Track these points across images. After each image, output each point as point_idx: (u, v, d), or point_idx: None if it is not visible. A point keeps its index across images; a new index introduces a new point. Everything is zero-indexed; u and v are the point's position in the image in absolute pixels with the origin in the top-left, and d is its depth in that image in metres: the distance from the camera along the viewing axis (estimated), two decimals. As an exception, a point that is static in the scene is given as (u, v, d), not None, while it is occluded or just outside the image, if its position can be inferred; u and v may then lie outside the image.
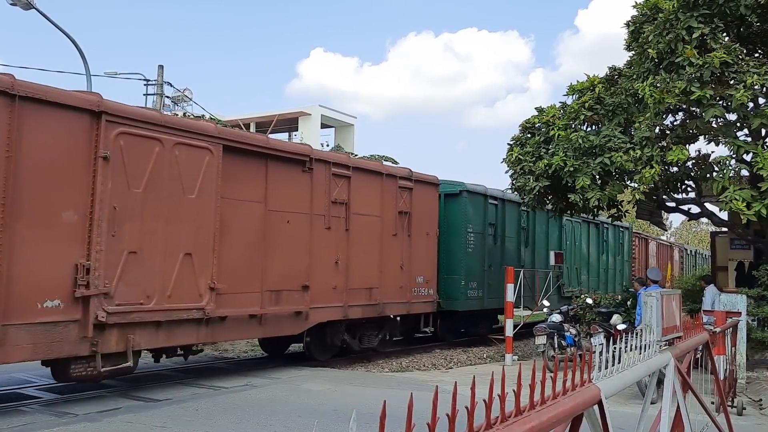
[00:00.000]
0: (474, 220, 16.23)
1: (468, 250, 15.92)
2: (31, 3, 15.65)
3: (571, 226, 21.45)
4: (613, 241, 25.08)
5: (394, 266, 13.73)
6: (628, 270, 26.41)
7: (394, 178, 13.89)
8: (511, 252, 17.97)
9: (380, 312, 13.36)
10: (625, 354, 3.01)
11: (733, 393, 8.88)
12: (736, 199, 10.55)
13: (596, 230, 23.54)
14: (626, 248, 26.56)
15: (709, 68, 10.58)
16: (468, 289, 15.90)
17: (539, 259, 19.28)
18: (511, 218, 18.11)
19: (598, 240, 23.72)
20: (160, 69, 21.01)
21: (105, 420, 7.32)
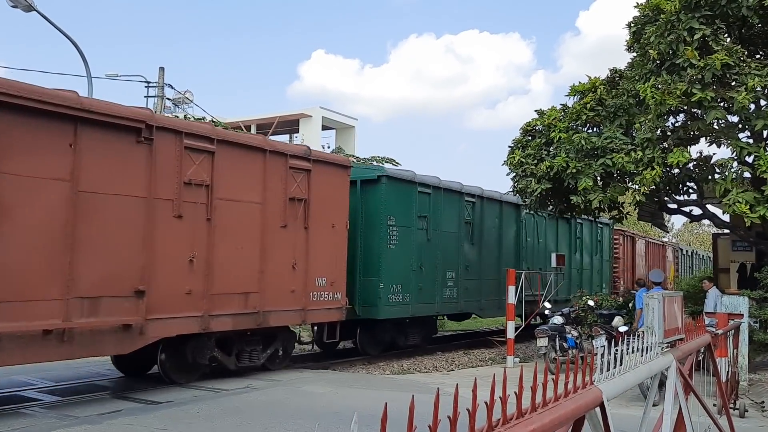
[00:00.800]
0: (398, 212, 13.86)
1: (389, 246, 13.55)
2: (31, 5, 15.68)
3: (532, 221, 19.12)
4: (590, 238, 22.76)
5: (283, 265, 11.10)
6: (608, 271, 24.33)
7: (282, 156, 11.15)
8: (450, 250, 15.60)
9: (261, 322, 10.63)
10: (626, 356, 3.00)
11: (735, 395, 8.86)
12: (739, 202, 10.54)
13: (567, 226, 21.15)
14: (606, 247, 24.25)
15: (711, 70, 10.57)
16: (389, 294, 13.49)
17: (488, 258, 17.01)
18: (449, 210, 15.67)
19: (570, 237, 21.39)
20: (160, 71, 21.05)
21: (105, 422, 7.31)
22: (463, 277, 15.89)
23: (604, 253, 23.98)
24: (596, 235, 23.33)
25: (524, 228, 18.62)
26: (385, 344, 14.65)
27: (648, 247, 29.31)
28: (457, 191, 15.93)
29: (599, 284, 22.80)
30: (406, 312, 14.19)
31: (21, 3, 15.49)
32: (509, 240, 18.11)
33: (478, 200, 16.74)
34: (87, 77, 17.07)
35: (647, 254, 29.18)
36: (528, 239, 18.85)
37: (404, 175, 14.54)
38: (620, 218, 14.29)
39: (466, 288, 16.05)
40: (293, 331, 12.17)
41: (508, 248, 17.96)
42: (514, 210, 18.30)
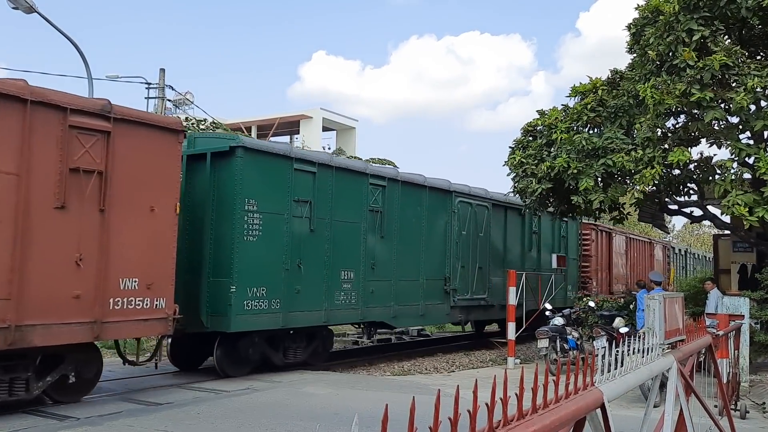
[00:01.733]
0: (261, 194, 10.86)
1: (248, 239, 10.58)
2: (32, 6, 15.70)
3: (469, 211, 15.95)
4: (550, 233, 19.57)
5: (59, 261, 8.14)
6: (575, 271, 21.00)
7: (57, 110, 8.17)
8: (347, 244, 12.52)
9: (14, 342, 7.56)
10: (627, 357, 3.00)
11: (736, 396, 8.86)
12: (738, 204, 10.53)
13: (518, 218, 17.77)
14: (572, 243, 20.80)
15: (709, 71, 10.58)
16: (246, 299, 10.48)
17: (405, 255, 13.94)
18: (346, 195, 12.53)
19: (522, 230, 18.21)
20: (161, 72, 21.05)
21: (106, 424, 7.31)
22: (367, 278, 12.86)
23: (570, 251, 20.63)
24: (559, 229, 20.03)
25: (457, 219, 15.43)
26: (252, 363, 11.13)
27: (630, 244, 26.21)
28: (358, 171, 12.93)
29: (562, 286, 19.73)
30: (273, 322, 10.98)
31: (22, 4, 15.50)
32: (437, 233, 14.94)
33: (391, 184, 13.59)
34: (87, 78, 17.09)
35: (629, 252, 26.08)
36: (463, 233, 15.60)
37: (272, 147, 11.60)
38: (621, 219, 14.30)
39: (372, 291, 12.99)
40: (98, 350, 9.13)
41: (434, 243, 14.80)
42: (443, 197, 15.16)
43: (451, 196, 15.37)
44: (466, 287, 15.71)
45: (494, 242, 16.98)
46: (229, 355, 10.80)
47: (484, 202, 16.57)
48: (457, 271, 15.42)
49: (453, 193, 15.38)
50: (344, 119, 47.15)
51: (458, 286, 15.39)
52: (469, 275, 15.84)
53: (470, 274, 15.88)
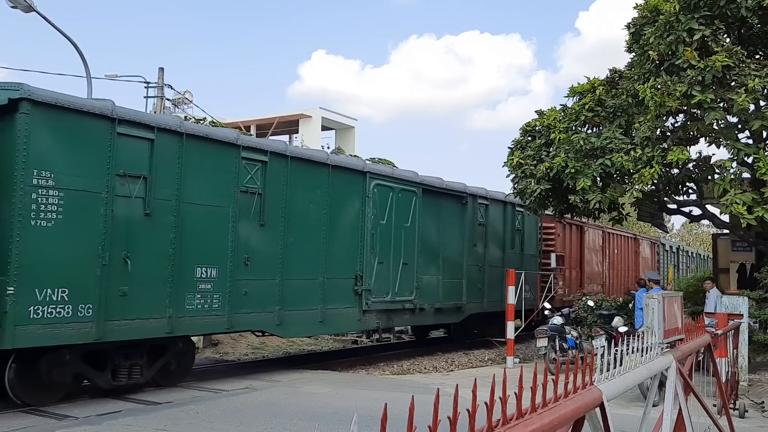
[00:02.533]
0: (61, 164, 8.28)
1: (37, 223, 8.00)
2: (31, 6, 15.68)
3: (391, 197, 13.44)
4: (501, 225, 17.15)
5: None
6: (535, 269, 18.54)
7: None
8: (207, 233, 9.94)
9: None
10: (626, 356, 3.00)
11: (735, 395, 8.86)
12: (737, 203, 10.54)
13: (459, 206, 15.50)
14: (528, 237, 18.28)
15: (711, 71, 10.58)
16: (34, 304, 7.86)
17: (298, 249, 11.41)
18: (205, 170, 9.95)
19: (463, 222, 15.66)
20: (160, 71, 21.04)
21: (105, 423, 7.31)
22: (238, 276, 10.29)
23: (527, 246, 18.16)
24: (512, 221, 17.53)
25: (373, 206, 12.92)
26: (65, 387, 8.58)
27: (608, 239, 23.55)
28: (224, 142, 10.27)
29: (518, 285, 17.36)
30: (82, 335, 8.34)
31: (21, 3, 15.49)
32: (345, 223, 12.38)
33: (275, 160, 10.94)
34: (86, 78, 17.07)
35: (607, 248, 23.41)
36: (381, 222, 13.15)
37: (79, 103, 8.58)
38: (620, 219, 14.31)
39: (245, 293, 10.39)
40: None
41: (341, 235, 12.24)
42: (354, 180, 12.62)
43: (364, 178, 12.75)
44: (385, 287, 13.14)
45: (426, 234, 14.40)
46: (25, 378, 8.16)
47: (412, 186, 13.98)
48: (373, 268, 12.83)
49: (367, 175, 12.79)
50: (343, 118, 47.08)
51: (374, 286, 12.83)
52: (391, 273, 13.28)
53: (392, 272, 13.32)
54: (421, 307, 14.18)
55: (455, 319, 15.67)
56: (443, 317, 15.41)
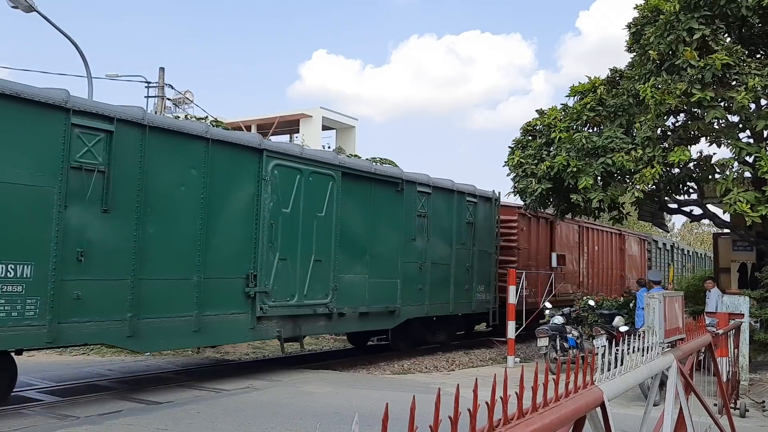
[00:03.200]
0: None
1: None
2: (32, 5, 15.68)
3: (298, 180, 11.25)
4: (447, 217, 14.91)
5: None
6: (491, 267, 16.38)
7: None
8: (11, 221, 7.82)
9: None
10: (627, 356, 3.00)
11: (735, 395, 8.86)
12: (741, 201, 10.54)
13: (393, 194, 13.36)
14: (483, 231, 16.08)
15: (711, 70, 10.59)
16: None
17: (162, 240, 9.35)
18: (9, 141, 7.82)
19: (396, 212, 13.43)
20: (161, 71, 21.04)
21: (106, 423, 7.31)
22: (68, 276, 8.23)
23: (482, 241, 16.05)
24: (463, 212, 15.33)
25: (272, 191, 10.77)
26: None
27: (586, 235, 21.25)
28: (49, 104, 8.08)
29: (469, 287, 15.55)
30: None
31: (21, 3, 15.49)
32: (232, 211, 10.22)
33: (123, 131, 8.82)
34: (87, 77, 17.08)
35: (585, 245, 21.18)
36: (284, 210, 10.99)
37: None
38: (620, 218, 14.30)
39: (77, 296, 8.30)
40: None
41: (227, 225, 10.14)
42: (245, 158, 10.46)
43: (259, 156, 10.59)
44: (289, 289, 11.02)
45: (348, 226, 12.28)
46: None
47: (327, 169, 11.81)
48: (272, 265, 10.69)
49: (264, 153, 10.60)
50: (344, 118, 47.09)
51: (273, 287, 10.69)
52: (298, 272, 11.18)
53: (299, 271, 11.22)
54: (341, 312, 12.05)
55: (387, 325, 13.56)
56: (371, 323, 13.11)
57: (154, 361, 13.04)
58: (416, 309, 13.97)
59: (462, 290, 15.41)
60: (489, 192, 16.56)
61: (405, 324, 13.93)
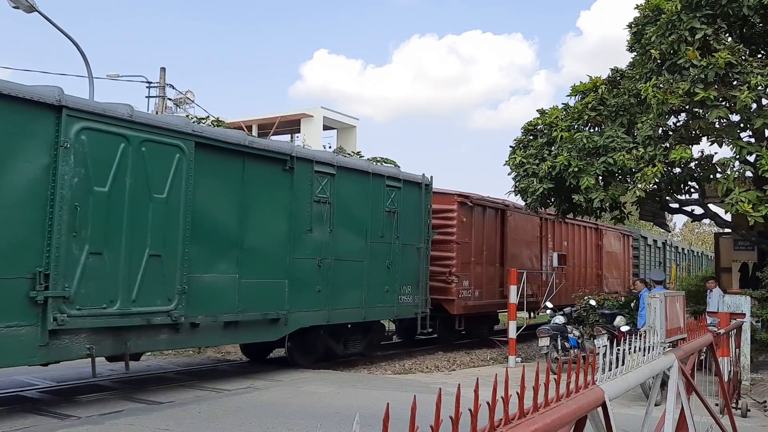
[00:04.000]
0: None
1: None
2: (33, 6, 15.69)
3: (120, 150, 8.60)
4: (358, 203, 12.34)
5: None
6: (420, 264, 13.67)
7: None
8: None
9: None
10: (628, 356, 3.00)
11: (737, 395, 8.85)
12: (742, 201, 10.54)
13: (274, 174, 10.75)
14: (409, 222, 13.45)
15: (714, 69, 10.58)
16: None
17: None
18: None
19: (284, 197, 10.89)
20: (162, 71, 21.06)
21: (107, 423, 7.31)
22: None
23: (407, 234, 13.39)
24: (382, 198, 12.83)
25: (78, 162, 8.13)
26: None
27: (550, 228, 19.01)
28: None
29: (390, 288, 12.92)
30: None
31: (22, 4, 15.50)
32: (10, 188, 7.59)
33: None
34: (88, 78, 17.09)
35: (549, 240, 18.96)
36: (99, 189, 8.38)
37: None
38: (622, 218, 14.29)
39: None
40: None
41: None
42: (30, 115, 7.69)
43: (58, 116, 7.91)
44: (106, 292, 8.36)
45: (206, 213, 9.77)
46: None
47: (171, 138, 9.22)
48: (78, 261, 8.06)
49: (64, 111, 7.90)
50: (345, 118, 47.09)
51: (79, 290, 8.04)
52: (122, 270, 8.56)
53: (122, 268, 8.56)
54: (193, 322, 9.42)
55: (269, 336, 10.89)
56: (244, 334, 10.46)
57: (155, 361, 13.04)
58: (313, 316, 11.33)
59: (380, 292, 12.69)
60: (417, 176, 14.02)
61: (304, 334, 11.49)
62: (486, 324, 17.86)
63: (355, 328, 12.82)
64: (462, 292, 15.20)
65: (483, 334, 17.50)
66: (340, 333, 12.53)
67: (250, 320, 10.34)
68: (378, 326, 13.82)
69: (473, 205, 15.80)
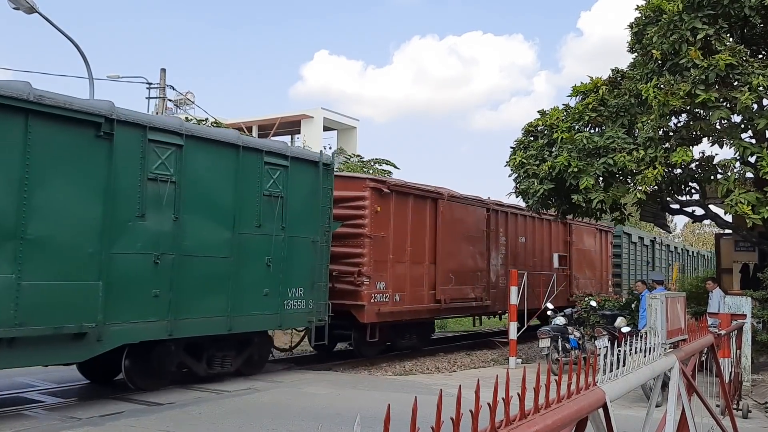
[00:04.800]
0: None
1: None
2: (33, 7, 15.71)
3: None
4: (225, 185, 10.02)
5: None
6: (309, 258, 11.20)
7: None
8: None
9: None
10: (629, 357, 2.99)
11: (738, 396, 8.85)
12: (742, 203, 10.53)
13: (79, 142, 8.22)
14: (300, 209, 11.03)
15: (715, 70, 10.58)
16: None
17: None
18: None
19: (86, 168, 8.32)
20: (162, 72, 21.06)
21: (108, 424, 7.31)
22: None
23: (300, 224, 11.06)
24: (260, 179, 10.44)
25: None
26: None
27: (501, 221, 16.72)
28: None
29: (272, 291, 10.52)
30: None
31: (23, 5, 15.52)
32: None
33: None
34: (89, 79, 17.10)
35: (501, 235, 16.70)
36: None
37: None
38: (622, 219, 14.29)
39: None
40: None
41: None
42: None
43: None
44: None
45: None
46: None
47: None
48: None
49: None
50: (345, 119, 47.14)
51: None
52: None
53: None
54: None
55: (72, 357, 8.40)
56: (26, 355, 7.67)
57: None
58: (146, 328, 8.85)
59: (256, 296, 10.31)
60: (312, 153, 11.96)
61: (148, 350, 9.17)
62: (418, 333, 15.23)
63: (225, 343, 10.26)
64: (375, 296, 12.68)
65: (415, 345, 15.24)
66: (201, 348, 10.03)
67: (36, 336, 7.60)
68: (262, 339, 11.05)
69: (392, 191, 13.25)
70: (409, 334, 14.91)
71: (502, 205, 16.90)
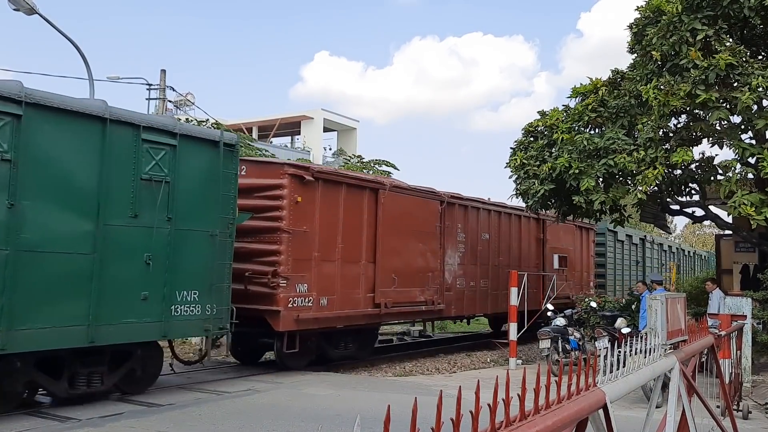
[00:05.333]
0: None
1: None
2: (33, 8, 15.70)
3: None
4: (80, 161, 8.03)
5: None
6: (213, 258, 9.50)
7: None
8: None
9: None
10: (629, 358, 2.99)
11: (738, 397, 8.84)
12: (745, 204, 10.53)
13: None
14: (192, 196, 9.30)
15: (715, 70, 10.59)
16: None
17: None
18: None
19: None
20: (162, 73, 21.06)
21: (108, 425, 7.31)
22: None
23: (193, 215, 9.32)
24: (137, 160, 8.62)
25: None
26: None
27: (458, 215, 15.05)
28: None
29: (154, 294, 8.72)
30: None
31: (23, 6, 15.51)
32: None
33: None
34: (89, 80, 17.09)
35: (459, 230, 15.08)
36: None
37: None
38: (622, 220, 14.28)
39: None
40: None
41: None
42: None
43: None
44: None
45: None
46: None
47: None
48: None
49: None
50: (345, 120, 47.16)
51: None
52: None
53: None
54: None
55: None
56: None
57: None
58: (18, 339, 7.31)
59: (130, 301, 8.50)
60: (211, 132, 10.40)
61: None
62: (355, 341, 13.19)
63: (93, 357, 8.36)
64: (295, 299, 10.92)
65: (353, 355, 13.21)
66: (60, 365, 8.11)
67: None
68: (147, 351, 9.09)
69: (318, 180, 11.42)
70: (344, 342, 12.93)
71: (460, 198, 15.10)
